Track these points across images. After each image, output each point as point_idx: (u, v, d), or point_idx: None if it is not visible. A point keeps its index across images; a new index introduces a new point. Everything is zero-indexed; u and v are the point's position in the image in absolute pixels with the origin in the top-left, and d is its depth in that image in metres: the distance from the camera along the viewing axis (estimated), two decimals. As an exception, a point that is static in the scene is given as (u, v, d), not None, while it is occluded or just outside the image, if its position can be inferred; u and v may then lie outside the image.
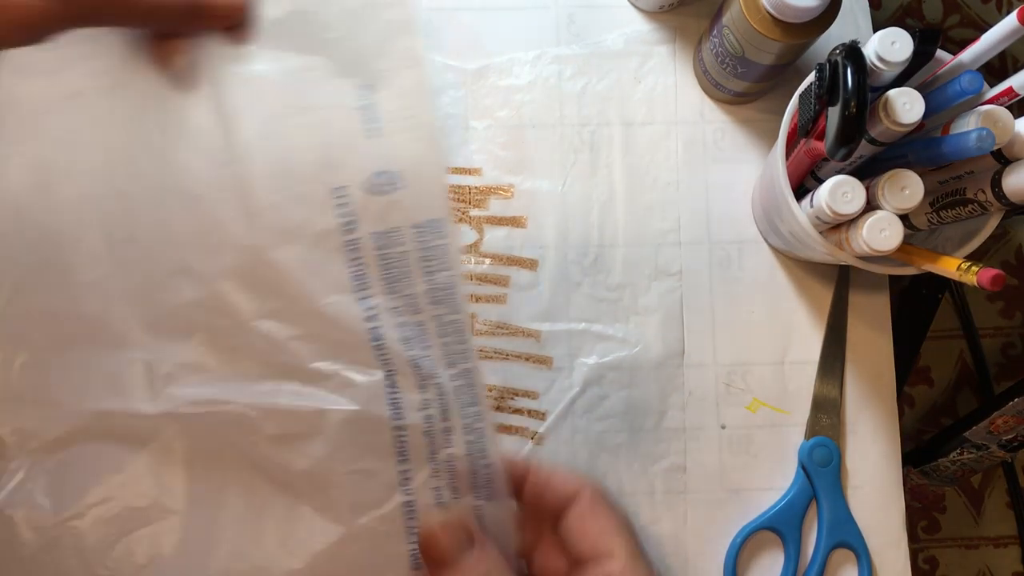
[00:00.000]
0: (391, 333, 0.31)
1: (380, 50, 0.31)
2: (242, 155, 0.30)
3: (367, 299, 0.31)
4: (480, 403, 0.32)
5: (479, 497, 0.33)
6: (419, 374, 0.31)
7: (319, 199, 0.30)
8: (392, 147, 0.30)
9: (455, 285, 0.31)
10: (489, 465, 0.33)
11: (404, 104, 0.31)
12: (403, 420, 0.32)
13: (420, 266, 0.31)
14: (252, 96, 0.30)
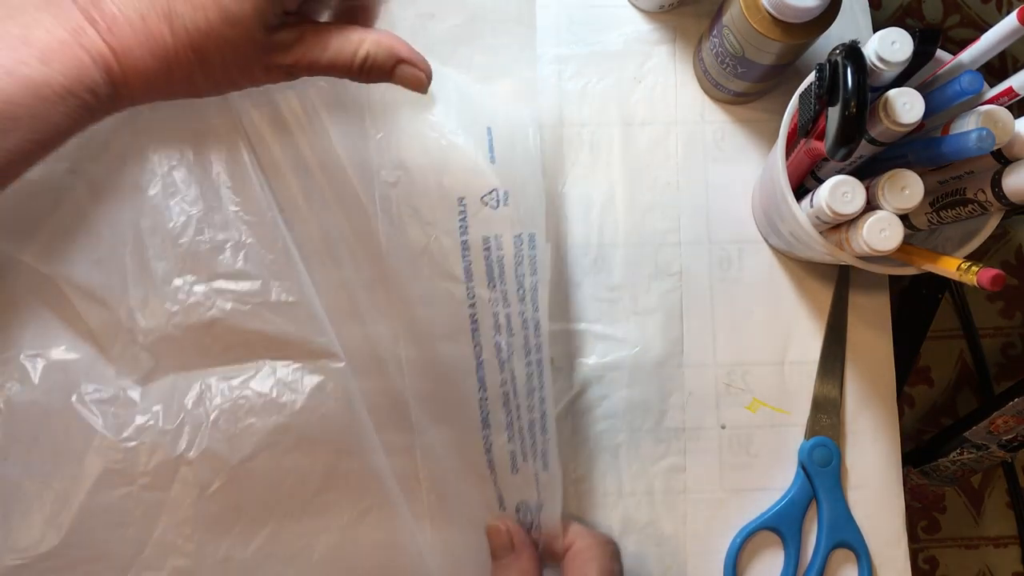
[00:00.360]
0: (485, 319, 0.38)
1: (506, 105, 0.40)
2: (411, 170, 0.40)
3: (471, 287, 0.38)
4: (546, 389, 0.39)
5: (538, 465, 0.39)
6: (499, 357, 0.38)
7: (450, 204, 0.38)
8: (504, 172, 0.38)
9: (539, 289, 0.38)
10: (548, 440, 0.39)
11: (515, 145, 0.39)
12: (486, 393, 0.38)
13: (514, 269, 0.38)
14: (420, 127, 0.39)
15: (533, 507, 0.40)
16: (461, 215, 0.39)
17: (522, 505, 0.40)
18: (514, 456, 0.39)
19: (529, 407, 0.39)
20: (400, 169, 0.40)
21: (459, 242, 0.38)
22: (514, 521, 0.39)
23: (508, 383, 0.39)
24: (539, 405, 0.39)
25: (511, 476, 0.39)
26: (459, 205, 0.39)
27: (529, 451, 0.39)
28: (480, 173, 0.39)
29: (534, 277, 0.39)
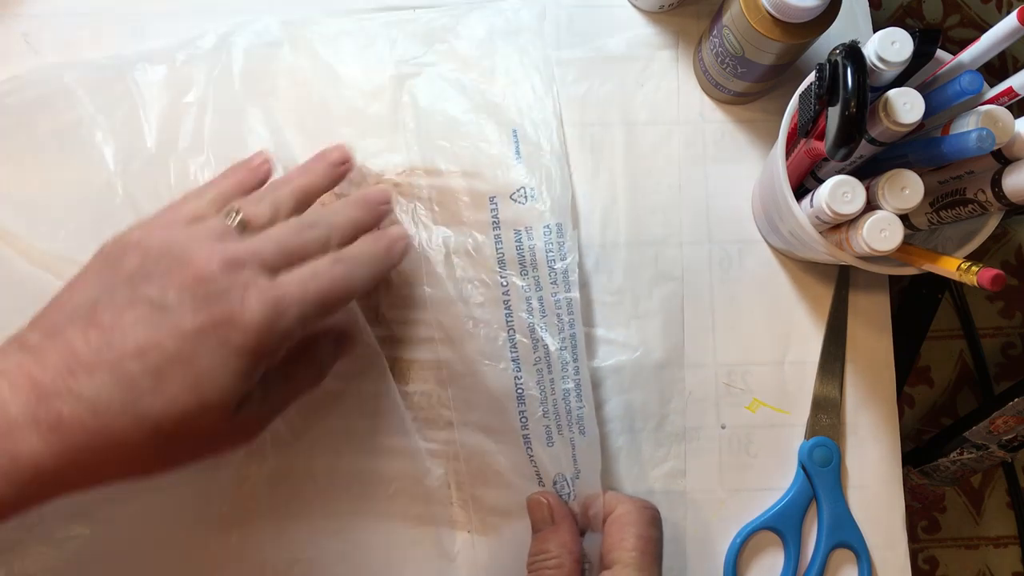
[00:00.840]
0: (518, 304, 0.42)
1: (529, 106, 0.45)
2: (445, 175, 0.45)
3: (504, 276, 0.43)
4: (580, 360, 0.42)
5: (574, 432, 0.42)
6: (533, 336, 0.42)
7: (483, 201, 0.44)
8: (530, 170, 0.44)
9: (569, 272, 0.43)
10: (583, 407, 0.42)
11: (540, 143, 0.44)
12: (521, 372, 0.42)
13: (545, 256, 0.43)
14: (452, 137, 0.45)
15: (569, 478, 0.41)
16: (493, 212, 0.44)
17: (559, 478, 0.42)
18: (549, 430, 0.42)
19: (563, 378, 0.42)
20: (436, 175, 0.45)
21: (492, 236, 0.43)
22: (553, 494, 0.40)
23: (542, 360, 0.42)
24: (573, 375, 0.42)
25: (547, 449, 0.42)
26: (490, 204, 0.44)
27: (564, 422, 0.42)
28: (508, 173, 0.44)
29: (563, 262, 0.43)
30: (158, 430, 0.30)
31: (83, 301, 0.32)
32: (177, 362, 0.30)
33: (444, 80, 0.46)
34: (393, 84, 0.45)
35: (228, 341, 0.31)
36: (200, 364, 0.31)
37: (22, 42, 0.45)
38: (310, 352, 0.37)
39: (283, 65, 0.45)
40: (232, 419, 0.32)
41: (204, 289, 0.31)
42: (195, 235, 0.33)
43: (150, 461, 0.32)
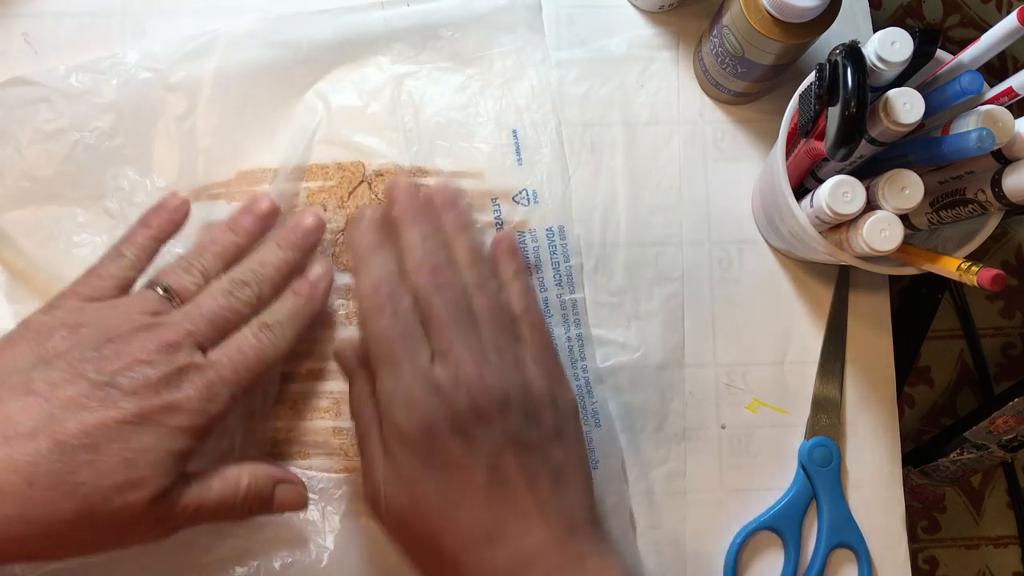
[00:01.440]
0: None
1: (528, 105, 0.46)
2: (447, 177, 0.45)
3: None
4: (588, 358, 0.44)
5: (590, 425, 0.43)
6: None
7: (485, 202, 0.44)
8: (530, 172, 0.45)
9: (573, 272, 0.44)
10: (596, 401, 0.43)
11: (540, 144, 0.45)
12: None
13: (548, 257, 0.44)
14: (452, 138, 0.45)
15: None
16: (496, 214, 0.44)
17: None
18: None
19: (573, 375, 0.43)
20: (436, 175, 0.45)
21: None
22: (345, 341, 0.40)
23: None
24: (582, 373, 0.43)
25: None
26: (493, 206, 0.44)
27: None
28: (509, 176, 0.45)
29: (568, 263, 0.44)
30: (90, 507, 0.31)
31: (13, 372, 0.32)
32: (115, 440, 0.32)
33: (442, 78, 0.46)
34: (391, 82, 0.45)
35: (165, 423, 0.33)
36: (137, 443, 0.32)
37: (22, 42, 0.45)
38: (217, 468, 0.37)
39: (277, 65, 0.44)
40: (161, 503, 0.33)
41: (143, 373, 0.33)
42: (127, 315, 0.34)
43: (78, 541, 0.32)
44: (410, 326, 0.35)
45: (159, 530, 0.34)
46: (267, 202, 0.40)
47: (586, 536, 0.33)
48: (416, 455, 0.33)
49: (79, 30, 0.45)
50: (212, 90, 0.43)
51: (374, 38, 0.45)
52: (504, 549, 0.32)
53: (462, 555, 0.32)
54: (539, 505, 0.33)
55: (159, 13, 0.46)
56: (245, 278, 0.37)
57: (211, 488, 0.35)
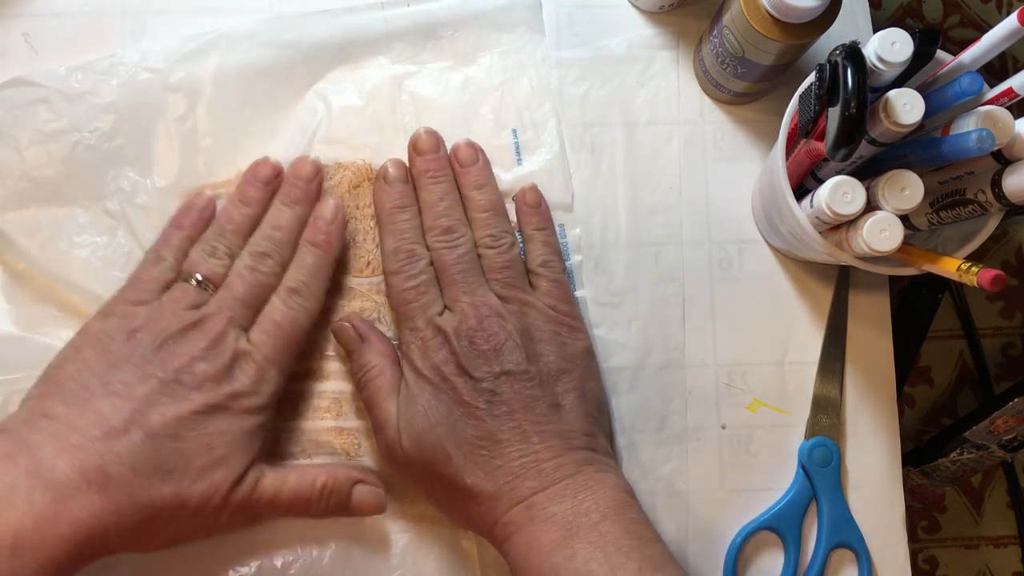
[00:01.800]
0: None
1: (528, 105, 0.46)
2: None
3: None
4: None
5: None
6: None
7: None
8: (531, 173, 0.45)
9: (573, 271, 0.45)
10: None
11: (540, 144, 0.45)
12: None
13: None
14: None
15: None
16: None
17: None
18: None
19: None
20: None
21: None
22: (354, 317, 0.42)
23: None
24: None
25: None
26: None
27: None
28: (509, 174, 0.45)
29: (568, 262, 0.44)
30: (183, 489, 0.35)
31: (89, 376, 0.36)
32: (194, 428, 0.36)
33: (442, 77, 0.46)
34: (391, 82, 0.45)
35: (232, 408, 0.37)
36: (213, 428, 0.36)
37: (22, 42, 0.45)
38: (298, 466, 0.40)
39: (278, 65, 0.45)
40: (242, 486, 0.37)
41: (201, 369, 0.36)
42: (174, 314, 0.38)
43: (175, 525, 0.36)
44: (424, 284, 0.40)
45: (241, 516, 0.37)
46: (268, 166, 0.42)
47: (582, 454, 0.37)
48: (429, 386, 0.38)
49: (79, 30, 0.45)
50: (212, 90, 0.43)
51: (374, 38, 0.45)
52: (505, 465, 0.36)
53: (469, 475, 0.36)
54: (536, 425, 0.37)
55: (159, 13, 0.46)
56: (264, 249, 0.40)
57: (287, 480, 0.38)
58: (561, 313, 0.40)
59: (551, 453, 0.36)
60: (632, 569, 0.33)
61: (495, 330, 0.38)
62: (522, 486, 0.36)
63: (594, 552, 0.34)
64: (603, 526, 0.35)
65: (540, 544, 0.35)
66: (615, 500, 0.36)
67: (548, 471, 0.36)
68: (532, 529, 0.35)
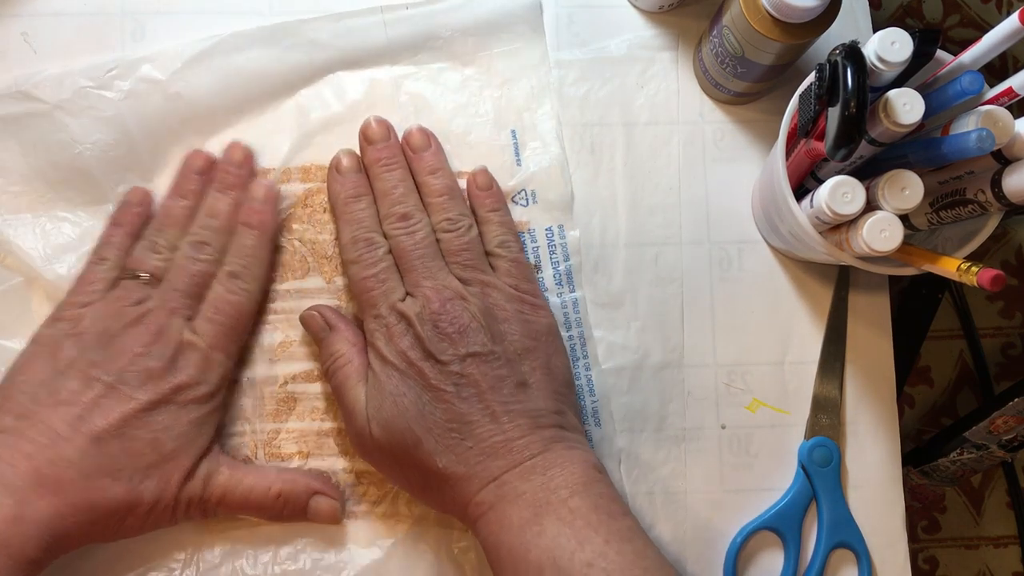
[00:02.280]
0: None
1: (527, 106, 0.46)
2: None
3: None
4: (590, 356, 0.44)
5: (590, 425, 0.43)
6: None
7: None
8: (531, 174, 0.45)
9: (572, 272, 0.44)
10: (596, 400, 0.44)
11: (539, 145, 0.45)
12: None
13: (548, 257, 0.44)
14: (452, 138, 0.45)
15: None
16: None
17: None
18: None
19: (575, 375, 0.43)
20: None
21: None
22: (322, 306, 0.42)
23: None
24: (584, 372, 0.44)
25: None
26: None
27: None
28: (509, 176, 0.45)
29: (567, 263, 0.44)
30: (135, 487, 0.36)
31: (36, 385, 0.37)
32: (139, 427, 0.37)
33: (441, 78, 0.46)
34: (391, 83, 0.45)
35: (176, 401, 0.38)
36: (158, 425, 0.37)
37: (22, 42, 0.45)
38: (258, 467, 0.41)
39: (277, 69, 0.45)
40: (194, 479, 0.38)
41: (145, 365, 0.37)
42: (118, 312, 0.38)
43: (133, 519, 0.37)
44: (385, 272, 0.40)
45: (196, 510, 0.38)
46: (201, 157, 0.43)
47: (551, 431, 0.37)
48: (396, 372, 0.38)
49: (79, 30, 0.45)
50: (212, 96, 0.44)
51: (373, 40, 0.45)
52: (475, 446, 0.36)
53: (440, 458, 0.36)
54: (504, 405, 0.37)
55: (159, 13, 0.46)
56: (202, 238, 0.41)
57: (243, 482, 0.39)
58: (523, 292, 0.40)
59: (520, 432, 0.36)
60: (599, 542, 0.34)
61: (458, 312, 0.38)
62: (492, 465, 0.36)
63: (562, 528, 0.34)
64: (572, 502, 0.35)
65: (510, 522, 0.35)
66: (584, 476, 0.36)
67: (518, 450, 0.36)
68: (503, 507, 0.35)
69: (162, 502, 0.37)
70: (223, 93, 0.44)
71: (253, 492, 0.39)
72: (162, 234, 0.41)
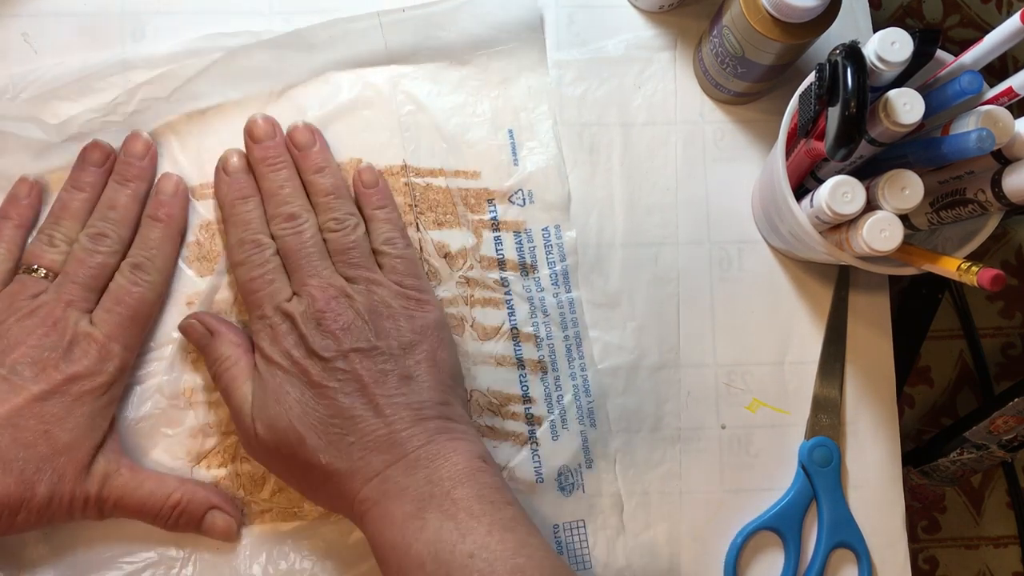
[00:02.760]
0: (520, 305, 0.44)
1: (524, 105, 0.46)
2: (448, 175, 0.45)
3: (505, 278, 0.44)
4: (585, 357, 0.44)
5: (585, 425, 0.43)
6: (537, 336, 0.44)
7: (481, 203, 0.45)
8: (528, 174, 0.45)
9: (569, 272, 0.44)
10: (592, 401, 0.44)
11: (536, 145, 0.45)
12: (525, 371, 0.44)
13: (544, 257, 0.44)
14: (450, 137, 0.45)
15: (574, 469, 0.43)
16: (492, 214, 0.45)
17: (563, 469, 0.43)
18: (554, 424, 0.43)
19: (571, 375, 0.44)
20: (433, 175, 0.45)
21: (492, 238, 0.44)
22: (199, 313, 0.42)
23: (546, 358, 0.44)
24: (579, 372, 0.44)
25: (552, 444, 0.43)
26: (489, 206, 0.45)
27: (573, 416, 0.43)
28: (506, 176, 0.45)
29: (564, 263, 0.44)
30: (28, 478, 0.36)
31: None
32: (31, 418, 0.36)
33: (439, 78, 0.45)
34: (388, 83, 0.45)
35: (70, 392, 0.37)
36: (49, 415, 0.37)
37: (22, 42, 0.45)
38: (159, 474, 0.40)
39: (277, 68, 0.45)
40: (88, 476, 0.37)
41: (39, 356, 0.37)
42: (12, 306, 0.38)
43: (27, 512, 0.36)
44: (271, 273, 0.40)
45: (94, 508, 0.38)
46: (98, 149, 0.42)
47: (435, 423, 0.37)
48: (280, 371, 0.37)
49: (79, 30, 0.45)
50: (212, 99, 0.44)
51: (371, 44, 0.45)
52: (358, 441, 0.36)
53: (323, 454, 0.36)
54: (387, 399, 0.37)
55: (159, 13, 0.45)
56: (100, 229, 0.40)
57: (142, 486, 0.39)
58: (408, 288, 0.40)
59: (403, 425, 0.36)
60: (482, 532, 0.33)
61: (342, 310, 0.38)
62: (375, 460, 0.36)
63: (445, 520, 0.34)
64: (455, 493, 0.35)
65: (393, 517, 0.35)
66: (468, 467, 0.36)
67: (400, 442, 0.36)
68: (386, 504, 0.35)
69: (56, 497, 0.36)
70: (221, 96, 0.44)
71: (151, 499, 0.39)
72: (58, 227, 0.40)
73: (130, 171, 0.42)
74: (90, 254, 0.40)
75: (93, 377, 0.38)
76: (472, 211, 0.44)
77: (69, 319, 0.38)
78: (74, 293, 0.39)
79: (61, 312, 0.38)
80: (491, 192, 0.45)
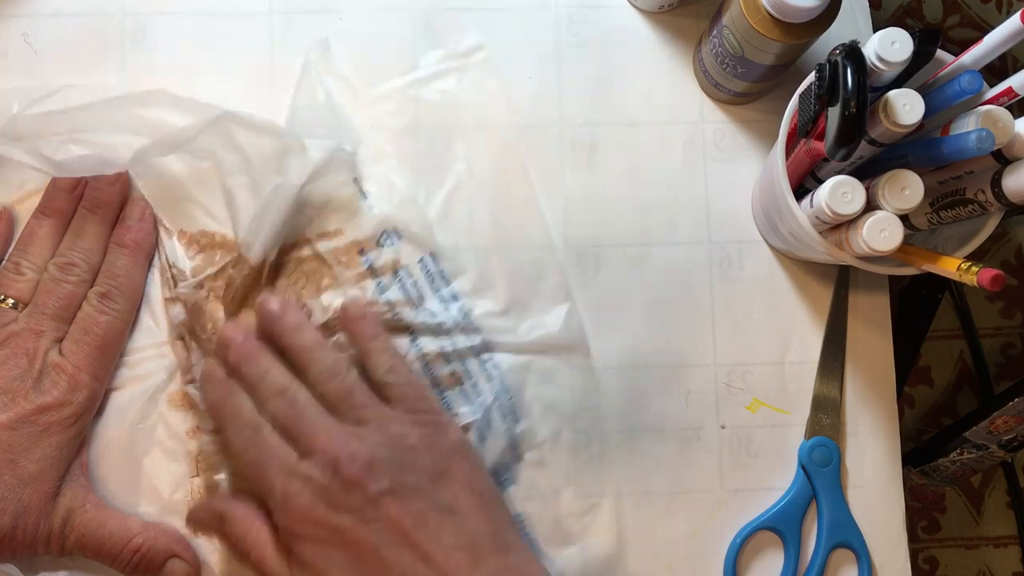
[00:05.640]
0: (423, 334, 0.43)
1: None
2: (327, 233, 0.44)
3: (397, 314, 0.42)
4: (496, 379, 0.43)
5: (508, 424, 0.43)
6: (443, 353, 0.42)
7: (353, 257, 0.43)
8: (385, 215, 0.44)
9: (456, 292, 0.44)
10: (511, 398, 0.43)
11: (382, 180, 0.45)
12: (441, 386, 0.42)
13: (428, 287, 0.44)
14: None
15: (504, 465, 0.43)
16: (367, 264, 0.43)
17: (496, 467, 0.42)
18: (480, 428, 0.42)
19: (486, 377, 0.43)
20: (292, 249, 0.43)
21: (375, 285, 0.43)
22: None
23: (459, 369, 0.43)
24: (493, 370, 0.43)
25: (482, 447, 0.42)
26: (362, 257, 0.43)
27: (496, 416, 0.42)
28: (364, 223, 0.44)
29: (449, 287, 0.44)
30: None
31: None
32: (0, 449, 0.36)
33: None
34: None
35: (38, 422, 0.37)
36: (16, 444, 0.36)
37: (22, 42, 0.45)
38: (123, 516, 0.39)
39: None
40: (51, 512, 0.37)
41: (9, 385, 0.37)
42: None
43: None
44: (274, 448, 0.36)
45: (56, 544, 0.37)
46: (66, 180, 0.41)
47: (495, 560, 0.34)
48: (314, 543, 0.34)
49: (79, 30, 0.45)
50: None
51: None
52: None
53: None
54: (436, 544, 0.33)
55: (159, 13, 0.46)
56: (69, 259, 0.40)
57: (104, 526, 0.38)
58: (422, 413, 0.37)
59: (461, 571, 0.33)
60: None
61: (358, 451, 0.35)
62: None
63: None
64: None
65: None
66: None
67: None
68: None
69: (20, 528, 0.36)
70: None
71: (111, 540, 0.38)
72: (26, 256, 0.40)
73: (100, 197, 0.41)
74: (59, 283, 0.39)
75: (62, 408, 0.38)
76: (347, 267, 0.43)
77: (39, 349, 0.38)
78: (44, 324, 0.39)
79: (32, 342, 0.38)
80: (359, 243, 0.43)
